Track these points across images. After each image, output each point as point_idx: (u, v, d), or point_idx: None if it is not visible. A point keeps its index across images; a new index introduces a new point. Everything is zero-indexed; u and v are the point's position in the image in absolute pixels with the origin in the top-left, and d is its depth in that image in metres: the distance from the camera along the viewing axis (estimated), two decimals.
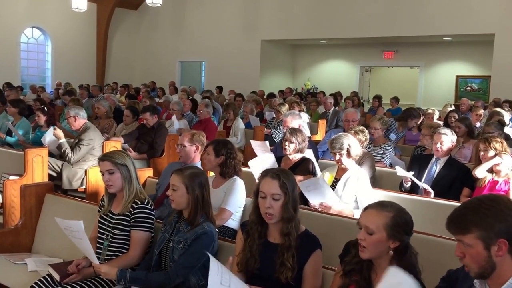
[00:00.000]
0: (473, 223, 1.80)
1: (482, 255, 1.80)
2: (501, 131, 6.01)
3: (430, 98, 14.56)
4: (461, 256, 1.86)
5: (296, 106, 8.74)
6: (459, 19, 12.38)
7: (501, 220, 1.78)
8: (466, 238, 1.82)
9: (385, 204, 2.25)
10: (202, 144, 4.30)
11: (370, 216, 2.20)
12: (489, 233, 1.78)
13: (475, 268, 1.84)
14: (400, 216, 2.19)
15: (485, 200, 1.86)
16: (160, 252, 2.96)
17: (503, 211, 1.80)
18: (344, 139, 4.12)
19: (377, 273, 2.23)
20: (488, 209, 1.80)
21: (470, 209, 1.84)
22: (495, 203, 1.83)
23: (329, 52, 16.82)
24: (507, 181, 4.22)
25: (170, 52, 18.08)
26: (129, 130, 6.98)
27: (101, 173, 3.13)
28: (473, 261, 1.83)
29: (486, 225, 1.79)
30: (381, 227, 2.15)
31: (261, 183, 2.58)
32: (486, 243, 1.79)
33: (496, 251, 1.79)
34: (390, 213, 2.17)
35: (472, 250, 1.81)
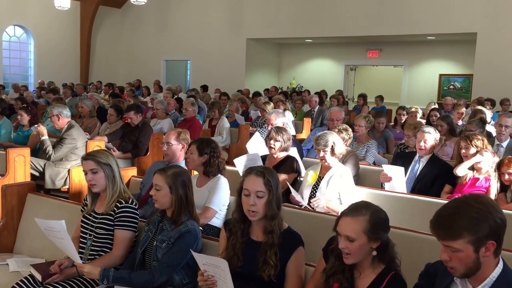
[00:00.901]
0: (464, 229, 1.78)
1: (470, 258, 1.80)
2: (482, 129, 6.10)
3: (414, 97, 14.70)
4: (447, 260, 1.85)
5: (281, 105, 8.77)
6: (442, 18, 12.51)
7: (489, 222, 1.78)
8: (456, 243, 1.80)
9: (358, 207, 2.23)
10: (187, 142, 4.30)
11: (347, 224, 2.18)
12: (479, 236, 1.78)
13: (462, 270, 1.84)
14: (376, 217, 2.19)
15: (473, 202, 1.83)
16: (143, 251, 2.95)
17: (491, 213, 1.80)
18: (329, 137, 4.16)
19: (360, 272, 2.25)
20: (478, 213, 1.79)
21: (459, 214, 1.81)
22: (483, 205, 1.81)
23: (314, 51, 16.89)
24: (488, 178, 4.29)
25: (155, 51, 17.99)
26: (113, 129, 6.93)
27: (84, 172, 3.10)
28: (461, 263, 1.82)
29: (477, 229, 1.77)
30: (360, 233, 2.15)
31: (245, 180, 2.58)
32: (476, 246, 1.79)
33: (484, 252, 1.80)
34: (366, 216, 2.17)
35: (461, 254, 1.80)
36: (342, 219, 2.22)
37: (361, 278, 2.24)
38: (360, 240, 2.15)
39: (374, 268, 2.23)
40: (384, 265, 2.22)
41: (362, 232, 2.15)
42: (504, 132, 5.53)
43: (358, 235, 2.15)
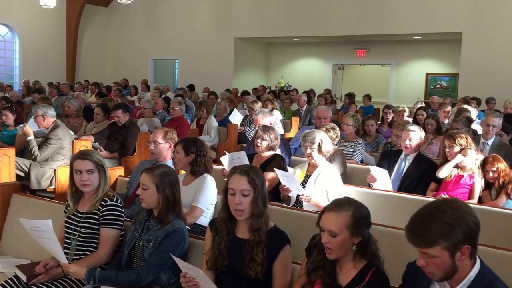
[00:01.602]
0: (439, 236, 1.79)
1: (447, 263, 1.82)
2: (468, 128, 6.16)
3: (401, 96, 14.79)
4: (424, 265, 1.86)
5: (269, 104, 8.78)
6: (428, 18, 12.61)
7: (464, 228, 1.80)
8: (432, 250, 1.81)
9: (342, 203, 2.26)
10: (174, 141, 4.28)
11: (330, 219, 2.21)
12: (454, 242, 1.79)
13: (439, 275, 1.86)
14: (359, 212, 2.22)
15: (446, 208, 1.83)
16: (130, 251, 2.94)
17: (465, 218, 1.81)
18: (317, 134, 4.19)
19: (341, 267, 2.28)
20: (451, 219, 1.80)
21: (433, 221, 1.81)
22: (456, 210, 1.82)
23: (303, 50, 16.92)
24: (472, 176, 4.33)
25: (142, 50, 17.89)
26: (99, 129, 6.89)
27: (77, 172, 3.04)
28: (437, 269, 1.84)
29: (451, 235, 1.79)
30: (343, 228, 2.18)
31: (230, 180, 2.59)
32: (451, 251, 1.81)
33: (459, 256, 1.82)
34: (349, 212, 2.20)
35: (437, 260, 1.82)
36: (325, 214, 2.24)
37: (343, 274, 2.26)
38: (343, 235, 2.18)
39: (355, 263, 2.25)
40: (366, 260, 2.25)
41: (344, 227, 2.17)
42: (491, 131, 5.59)
43: (340, 230, 2.17)
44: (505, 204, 4.13)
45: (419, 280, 2.05)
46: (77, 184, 3.06)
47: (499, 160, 4.29)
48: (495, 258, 2.87)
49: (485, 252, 2.85)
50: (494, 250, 2.97)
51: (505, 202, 4.14)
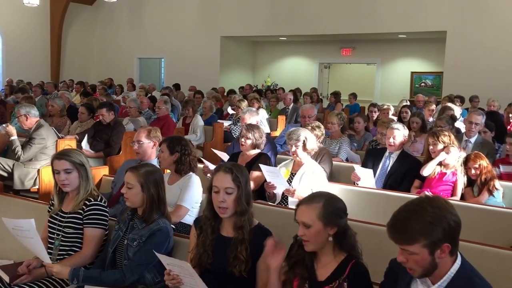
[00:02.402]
0: (419, 233, 1.81)
1: (426, 260, 1.84)
2: (452, 126, 6.23)
3: (387, 94, 14.89)
4: (404, 261, 1.88)
5: (255, 103, 8.79)
6: (413, 16, 12.71)
7: (443, 226, 1.81)
8: (412, 247, 1.83)
9: (314, 196, 2.34)
10: (159, 140, 4.28)
11: (303, 212, 2.27)
12: (434, 240, 1.81)
13: (419, 271, 1.88)
14: (330, 204, 2.27)
15: (428, 207, 1.84)
16: (114, 250, 2.93)
17: (446, 216, 1.82)
18: (302, 132, 4.22)
19: (320, 260, 2.30)
20: (432, 217, 1.81)
21: (414, 218, 1.83)
22: (438, 209, 1.83)
23: (289, 49, 16.95)
24: (455, 173, 4.39)
25: (128, 49, 17.77)
26: (84, 128, 6.84)
27: (55, 172, 3.04)
28: (417, 265, 1.86)
29: (431, 233, 1.80)
30: (315, 219, 2.23)
31: (214, 177, 2.60)
32: (431, 249, 1.82)
33: (439, 254, 1.83)
34: (319, 203, 2.26)
35: (417, 257, 1.84)
36: (299, 208, 2.31)
37: (322, 267, 2.29)
38: (316, 226, 2.23)
39: (335, 256, 2.28)
40: (345, 253, 2.28)
41: (316, 218, 2.23)
42: (473, 129, 5.66)
43: (313, 221, 2.23)
44: (487, 200, 4.19)
45: (401, 276, 2.07)
46: (58, 183, 3.04)
47: (481, 157, 4.35)
48: (476, 254, 2.91)
49: (467, 247, 2.89)
50: (475, 245, 3.01)
51: (487, 198, 4.20)
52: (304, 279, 2.29)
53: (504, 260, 2.91)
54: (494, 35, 11.69)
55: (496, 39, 11.64)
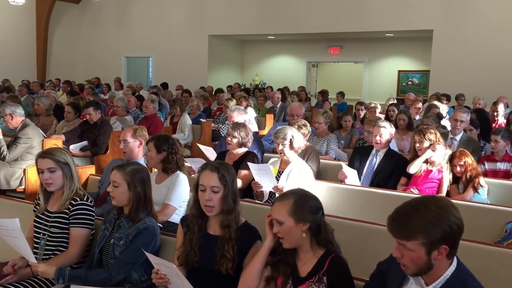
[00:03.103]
0: (419, 231, 1.79)
1: (422, 259, 1.82)
2: (438, 124, 6.29)
3: (374, 93, 14.98)
4: (399, 257, 1.87)
5: (243, 101, 8.79)
6: (400, 15, 12.79)
7: (445, 228, 1.79)
8: (409, 243, 1.81)
9: (287, 193, 2.40)
10: (145, 139, 4.26)
11: (275, 209, 2.33)
12: (432, 240, 1.79)
13: (413, 269, 1.86)
14: (301, 200, 2.32)
15: (432, 206, 1.82)
16: (101, 250, 2.92)
17: (448, 218, 1.80)
18: (288, 130, 4.24)
19: (301, 258, 2.34)
20: (435, 217, 1.79)
21: (415, 215, 1.81)
22: (441, 210, 1.81)
23: (277, 48, 16.97)
24: (441, 170, 4.43)
25: (115, 48, 17.66)
26: (70, 127, 6.79)
27: (40, 171, 3.03)
28: (412, 263, 1.84)
29: (431, 233, 1.78)
30: (286, 215, 2.28)
31: (201, 176, 2.60)
32: (428, 249, 1.80)
33: (436, 255, 1.81)
34: (290, 200, 2.31)
35: (413, 254, 1.82)
36: (273, 205, 2.37)
37: (303, 264, 2.32)
38: (288, 222, 2.28)
39: (314, 252, 2.32)
40: (324, 248, 2.31)
41: (287, 215, 2.28)
42: (459, 127, 5.71)
43: (285, 218, 2.28)
44: (472, 197, 4.24)
45: (391, 277, 2.05)
46: (42, 183, 3.03)
47: (466, 154, 4.39)
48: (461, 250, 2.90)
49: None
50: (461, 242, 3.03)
51: (472, 195, 4.25)
52: (288, 276, 2.31)
53: (488, 256, 2.94)
54: (480, 34, 11.81)
55: (482, 38, 11.76)
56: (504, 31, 11.47)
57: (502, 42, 11.49)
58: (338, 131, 6.90)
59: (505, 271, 2.86)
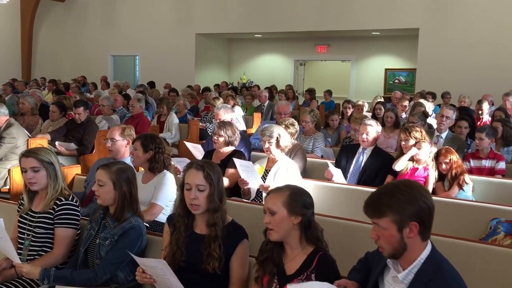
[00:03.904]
0: (388, 207, 1.91)
1: (395, 237, 1.92)
2: (423, 122, 6.33)
3: (361, 91, 15.04)
4: (376, 238, 1.98)
5: (231, 100, 8.78)
6: (386, 14, 12.85)
7: (413, 204, 1.91)
8: (381, 221, 1.93)
9: (283, 186, 2.45)
10: (132, 138, 4.24)
11: (270, 199, 2.37)
12: (402, 216, 1.90)
13: (389, 249, 1.96)
14: (296, 193, 2.36)
15: (400, 185, 1.97)
16: (86, 250, 2.89)
17: (415, 196, 1.92)
18: (275, 129, 4.24)
19: (288, 254, 2.35)
20: (402, 194, 1.91)
21: (386, 194, 1.96)
22: (409, 188, 1.94)
23: (264, 46, 16.96)
24: (426, 168, 4.46)
25: (101, 46, 17.50)
26: (56, 127, 6.73)
27: (23, 170, 3.00)
28: (387, 242, 1.94)
29: (399, 209, 1.90)
30: (280, 206, 2.31)
31: (186, 175, 2.60)
32: (399, 225, 1.91)
33: (408, 233, 1.91)
34: (286, 192, 2.35)
35: (386, 232, 1.93)
36: (268, 196, 2.41)
37: (291, 261, 2.33)
38: (281, 213, 2.30)
39: (303, 249, 2.33)
40: (313, 246, 2.33)
41: (281, 205, 2.31)
42: (444, 123, 5.77)
43: (278, 208, 2.31)
44: (457, 194, 4.28)
45: (374, 266, 2.15)
46: (25, 182, 3.00)
47: (452, 152, 4.43)
48: (447, 247, 2.96)
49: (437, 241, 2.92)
50: (446, 239, 3.07)
51: (457, 192, 4.29)
52: (273, 275, 2.32)
53: (473, 253, 2.98)
54: (465, 33, 11.91)
55: (467, 36, 11.86)
56: (489, 30, 11.58)
57: (487, 40, 11.60)
58: (325, 130, 6.93)
59: (490, 267, 2.90)
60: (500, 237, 3.51)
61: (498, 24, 11.42)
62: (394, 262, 2.01)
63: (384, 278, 2.08)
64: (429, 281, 1.88)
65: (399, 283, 1.97)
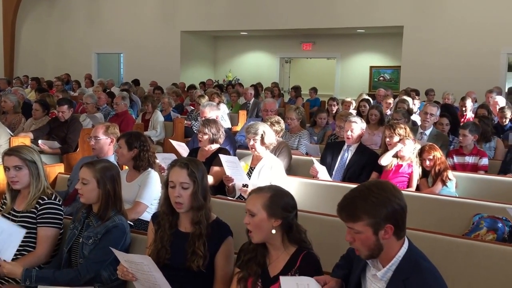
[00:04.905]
0: (363, 211, 1.90)
1: (371, 240, 1.92)
2: (407, 119, 6.39)
3: (347, 88, 15.09)
4: (351, 241, 1.97)
5: (216, 98, 8.75)
6: (371, 12, 12.91)
7: (387, 207, 1.91)
8: (356, 225, 1.92)
9: (264, 187, 2.42)
10: (116, 136, 4.21)
11: (251, 200, 2.34)
12: (377, 219, 1.90)
13: (365, 251, 1.96)
14: (277, 196, 2.33)
15: (373, 188, 1.95)
16: (70, 249, 2.87)
17: (389, 198, 1.92)
18: (260, 126, 4.24)
19: (272, 255, 2.34)
20: (376, 197, 1.91)
21: (360, 198, 1.93)
22: (382, 190, 1.93)
23: (250, 44, 16.94)
24: (410, 165, 4.50)
25: (85, 44, 17.32)
26: (39, 125, 6.64)
27: (6, 169, 2.97)
28: (363, 245, 1.95)
29: (374, 212, 1.90)
30: (260, 208, 2.29)
31: (170, 172, 2.58)
32: (374, 229, 1.91)
33: (383, 235, 1.92)
34: (267, 194, 2.32)
35: (362, 236, 1.93)
36: (249, 196, 2.38)
37: (274, 261, 2.32)
38: (260, 215, 2.28)
39: (285, 249, 2.32)
40: (296, 246, 2.32)
41: (261, 207, 2.29)
42: (428, 120, 5.81)
43: (258, 210, 2.29)
44: (440, 190, 4.32)
45: (355, 263, 2.16)
46: (8, 180, 2.96)
47: (435, 148, 4.47)
48: (430, 242, 3.00)
49: (420, 236, 2.97)
50: (429, 234, 3.10)
51: (441, 188, 4.33)
52: (257, 276, 2.31)
53: (456, 248, 3.00)
54: (449, 31, 12.00)
55: (452, 34, 11.96)
56: (473, 28, 11.68)
57: (471, 39, 11.71)
58: (311, 128, 6.94)
59: (472, 262, 2.93)
60: (483, 232, 3.55)
61: (482, 23, 11.53)
62: (374, 260, 2.02)
63: (366, 275, 2.09)
64: (406, 279, 1.90)
65: (379, 280, 1.99)
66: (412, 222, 2.40)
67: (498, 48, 11.46)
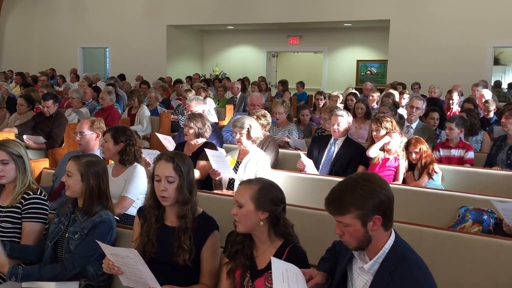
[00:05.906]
0: (351, 204, 1.91)
1: (360, 232, 1.93)
2: (394, 112, 6.41)
3: (334, 82, 15.12)
4: (340, 234, 1.97)
5: (202, 92, 8.72)
6: (357, 5, 12.93)
7: (374, 198, 1.91)
8: (345, 218, 1.92)
9: (253, 179, 2.44)
10: (102, 131, 4.17)
11: (239, 191, 2.35)
12: (365, 211, 1.91)
13: (354, 243, 1.97)
14: (266, 189, 2.33)
15: (359, 180, 1.95)
16: (55, 244, 2.84)
17: (376, 189, 1.93)
18: (247, 120, 4.24)
19: (258, 248, 2.34)
20: (363, 189, 1.91)
21: (347, 190, 1.94)
22: (369, 182, 1.94)
23: (237, 38, 16.89)
24: (397, 158, 4.52)
25: (70, 38, 17.11)
26: (24, 120, 6.58)
27: None
28: (351, 237, 1.95)
29: (362, 204, 1.90)
30: (248, 199, 2.29)
31: (156, 166, 2.58)
32: (363, 221, 1.91)
33: (371, 226, 1.92)
34: (255, 186, 2.32)
35: (351, 229, 1.93)
36: (238, 187, 2.39)
37: (262, 254, 2.33)
38: (247, 207, 2.28)
39: (272, 242, 2.32)
40: (282, 239, 2.33)
41: (249, 199, 2.29)
42: (414, 113, 5.84)
43: (245, 201, 2.29)
44: (426, 183, 4.35)
45: (342, 255, 2.17)
46: None
47: (421, 142, 4.50)
48: (416, 235, 3.02)
49: (406, 229, 3.00)
50: (415, 227, 3.13)
51: (427, 181, 4.36)
52: (246, 268, 2.32)
53: (442, 240, 3.03)
54: (436, 24, 12.06)
55: (438, 28, 12.02)
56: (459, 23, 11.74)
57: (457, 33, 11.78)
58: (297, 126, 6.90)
59: (458, 254, 2.96)
60: (468, 224, 3.58)
61: (468, 17, 11.61)
62: (360, 252, 2.03)
63: (352, 267, 2.10)
64: (393, 271, 1.91)
65: (366, 273, 1.99)
66: (399, 215, 2.41)
67: (484, 42, 11.55)
